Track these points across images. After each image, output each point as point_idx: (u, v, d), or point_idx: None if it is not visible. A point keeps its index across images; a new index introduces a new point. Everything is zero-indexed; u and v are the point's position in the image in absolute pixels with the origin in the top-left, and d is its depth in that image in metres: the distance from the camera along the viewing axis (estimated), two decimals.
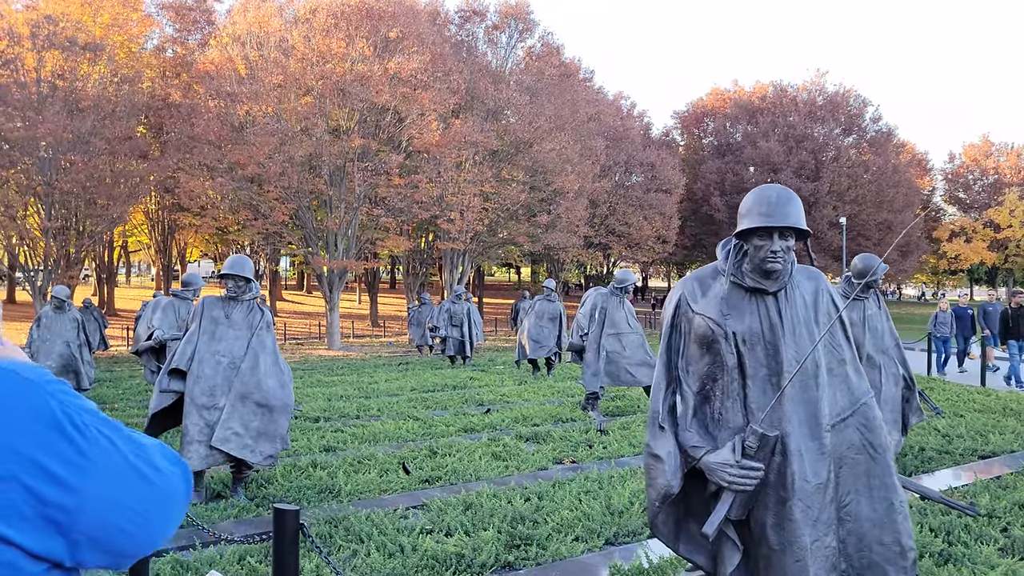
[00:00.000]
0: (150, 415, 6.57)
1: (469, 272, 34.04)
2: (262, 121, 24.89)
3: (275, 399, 6.54)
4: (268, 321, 6.80)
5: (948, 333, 17.10)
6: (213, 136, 24.95)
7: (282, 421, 6.57)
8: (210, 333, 6.58)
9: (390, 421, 10.34)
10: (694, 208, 47.09)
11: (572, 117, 32.11)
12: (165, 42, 34.79)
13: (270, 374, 6.61)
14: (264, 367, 6.59)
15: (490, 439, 8.88)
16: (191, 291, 10.42)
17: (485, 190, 28.46)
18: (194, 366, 6.45)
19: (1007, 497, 6.11)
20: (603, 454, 8.23)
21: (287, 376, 6.76)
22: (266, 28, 24.87)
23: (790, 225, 3.08)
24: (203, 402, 6.37)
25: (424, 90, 25.02)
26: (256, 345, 6.63)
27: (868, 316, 7.24)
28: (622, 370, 10.86)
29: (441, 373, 17.43)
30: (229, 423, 6.36)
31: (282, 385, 6.66)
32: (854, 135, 46.63)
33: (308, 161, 25.46)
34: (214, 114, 25.19)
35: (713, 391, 3.22)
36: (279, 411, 6.55)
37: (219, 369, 6.47)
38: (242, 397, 6.44)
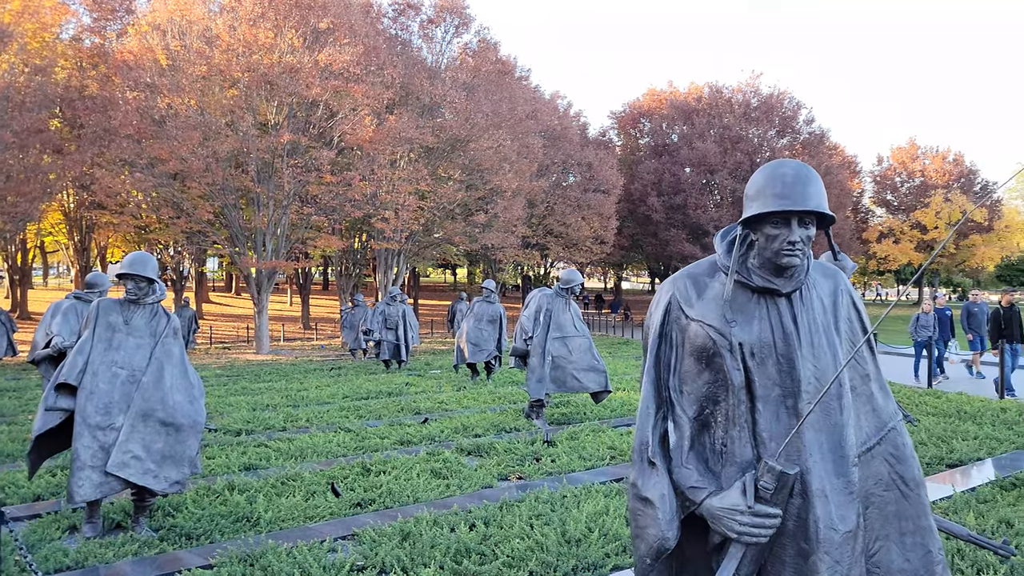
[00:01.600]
0: (33, 437, 5.66)
1: (404, 273, 33.12)
2: (185, 114, 23.63)
3: (183, 416, 5.71)
4: (175, 327, 5.96)
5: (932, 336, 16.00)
6: (132, 130, 23.57)
7: (191, 442, 5.74)
8: (106, 341, 5.71)
9: (319, 433, 9.54)
10: (631, 208, 46.94)
11: (510, 115, 31.44)
12: (82, 32, 33.01)
13: (177, 388, 5.78)
14: (170, 380, 5.76)
15: (429, 453, 8.16)
16: (96, 293, 9.38)
17: (421, 188, 27.61)
18: (86, 380, 5.57)
19: (991, 514, 5.65)
20: (552, 468, 7.59)
21: (198, 390, 5.93)
22: (188, 16, 23.61)
23: (812, 209, 2.44)
24: (97, 421, 5.50)
25: (357, 84, 24.06)
26: (161, 355, 5.78)
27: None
28: (568, 376, 10.27)
29: (375, 379, 16.62)
30: (128, 445, 5.51)
31: (191, 400, 5.83)
32: (788, 137, 47.10)
33: (234, 157, 24.29)
34: (133, 107, 23.81)
35: (714, 416, 2.55)
36: (187, 430, 5.72)
37: (116, 383, 5.61)
38: (143, 415, 5.59)
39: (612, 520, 5.50)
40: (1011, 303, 14.12)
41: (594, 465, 7.70)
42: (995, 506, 5.93)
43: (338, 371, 19.29)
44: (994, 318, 14.22)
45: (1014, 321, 13.97)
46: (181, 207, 24.54)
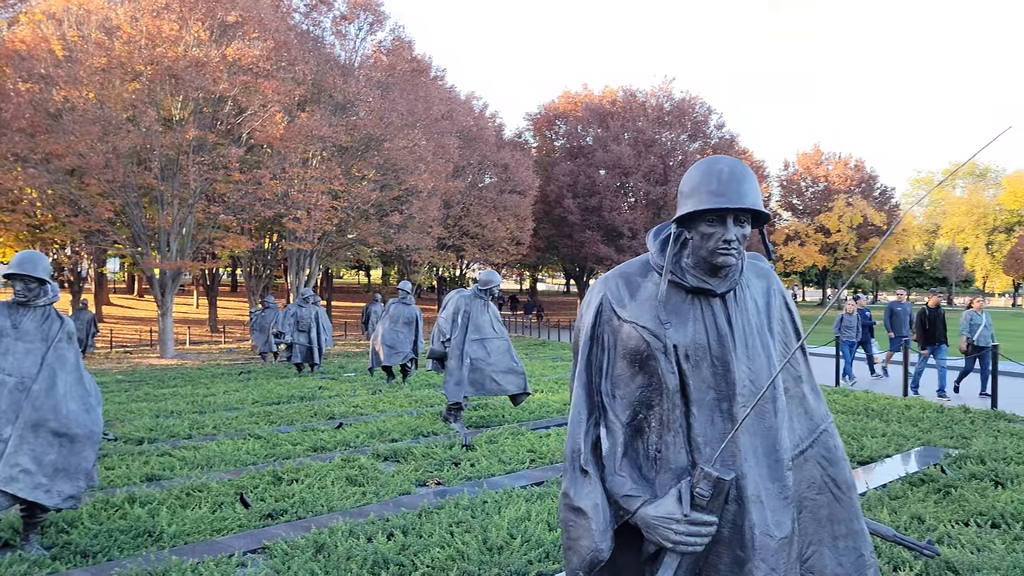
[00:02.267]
0: None
1: (317, 274, 32.42)
2: (82, 108, 22.53)
3: (78, 426, 5.33)
4: (69, 331, 5.56)
5: (855, 337, 16.03)
6: (25, 123, 22.32)
7: (87, 453, 5.37)
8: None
9: (227, 441, 9.14)
10: (547, 210, 47.20)
11: (425, 114, 31.08)
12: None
13: (72, 396, 5.39)
14: (64, 387, 5.37)
15: (344, 459, 7.89)
16: None
17: (334, 188, 27.03)
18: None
19: (904, 510, 5.76)
20: (472, 473, 7.43)
21: (94, 398, 5.55)
22: (86, 6, 22.51)
23: (747, 207, 2.36)
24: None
25: (267, 80, 23.38)
26: (53, 361, 5.39)
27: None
28: (487, 378, 10.13)
29: (287, 383, 16.15)
30: (16, 458, 5.11)
31: (87, 409, 5.45)
32: (699, 141, 48.11)
33: (136, 153, 23.30)
34: (26, 99, 22.55)
35: (648, 421, 2.45)
36: (83, 441, 5.35)
37: (3, 391, 5.19)
38: (34, 425, 5.19)
39: (534, 526, 5.38)
40: (938, 304, 14.17)
41: (514, 469, 7.58)
42: (906, 502, 6.05)
43: (247, 375, 18.71)
44: (919, 319, 14.10)
45: (939, 322, 13.97)
46: (79, 205, 23.38)
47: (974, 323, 13.36)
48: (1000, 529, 5.35)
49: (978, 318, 13.37)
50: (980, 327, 13.28)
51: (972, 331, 13.32)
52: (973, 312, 13.52)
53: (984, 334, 13.23)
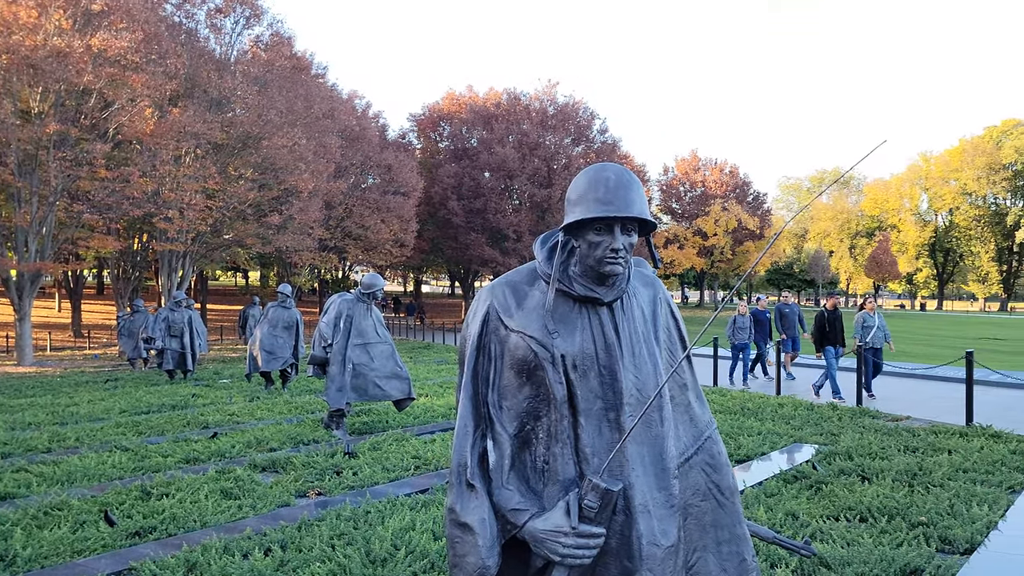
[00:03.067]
0: None
1: (191, 276, 31.12)
2: None
3: None
4: None
5: (747, 339, 15.75)
6: None
7: None
8: None
9: (91, 454, 8.60)
10: (431, 212, 46.94)
11: (305, 113, 30.28)
12: None
13: None
14: None
15: (218, 471, 7.54)
16: None
17: (209, 187, 25.98)
18: None
19: (779, 507, 5.95)
20: (354, 482, 7.23)
21: None
22: None
23: (634, 216, 2.33)
24: None
25: (136, 72, 22.24)
26: None
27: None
28: (370, 383, 9.92)
29: (157, 390, 15.41)
30: None
31: None
32: (583, 145, 48.89)
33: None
34: None
35: (535, 433, 2.39)
36: None
37: None
38: None
39: (419, 536, 5.25)
40: (835, 306, 14.05)
41: (398, 476, 7.43)
42: (781, 499, 6.25)
43: (114, 383, 17.76)
44: (818, 322, 13.86)
45: (837, 324, 13.82)
46: None
47: (867, 325, 13.47)
48: (867, 523, 5.59)
49: (871, 319, 13.50)
50: (873, 328, 13.42)
51: (865, 333, 13.41)
52: (866, 314, 13.62)
53: (877, 335, 13.40)
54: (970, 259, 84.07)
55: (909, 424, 9.87)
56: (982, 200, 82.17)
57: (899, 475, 6.79)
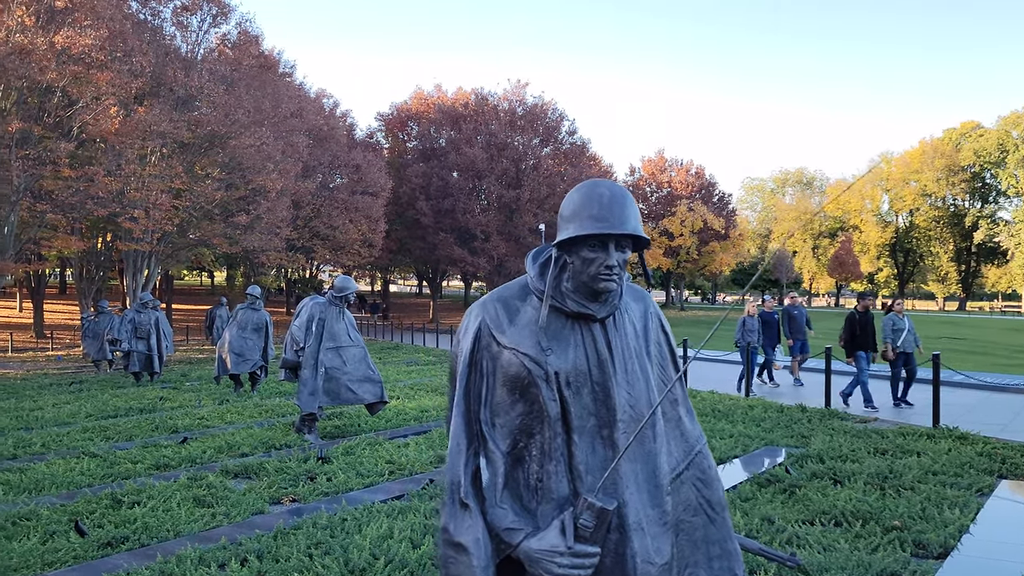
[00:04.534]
0: None
1: (156, 276, 30.71)
2: None
3: None
4: None
5: (756, 341, 14.68)
6: None
7: None
8: None
9: (58, 460, 8.48)
10: (399, 211, 46.74)
11: (273, 112, 30.03)
12: None
13: None
14: None
15: (190, 478, 7.45)
16: None
17: (175, 186, 25.66)
18: None
19: (754, 512, 6.03)
20: (328, 488, 7.19)
21: None
22: None
23: (629, 232, 2.35)
24: None
25: (100, 70, 21.88)
26: None
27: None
28: (343, 387, 9.88)
29: (124, 393, 15.20)
30: None
31: None
32: (551, 146, 48.99)
33: None
34: None
35: (528, 450, 2.39)
36: None
37: None
38: None
39: (398, 544, 5.25)
40: (867, 308, 13.07)
41: (373, 482, 7.40)
42: (756, 503, 6.33)
43: (79, 386, 17.49)
44: (849, 324, 12.88)
45: (869, 328, 12.83)
46: None
47: (897, 328, 12.59)
48: (843, 527, 5.68)
49: (900, 322, 12.66)
50: (904, 332, 12.56)
51: (896, 336, 12.50)
52: (895, 316, 12.73)
53: (908, 339, 12.55)
54: (930, 259, 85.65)
55: (877, 426, 10.03)
56: (941, 201, 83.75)
57: (871, 478, 6.91)
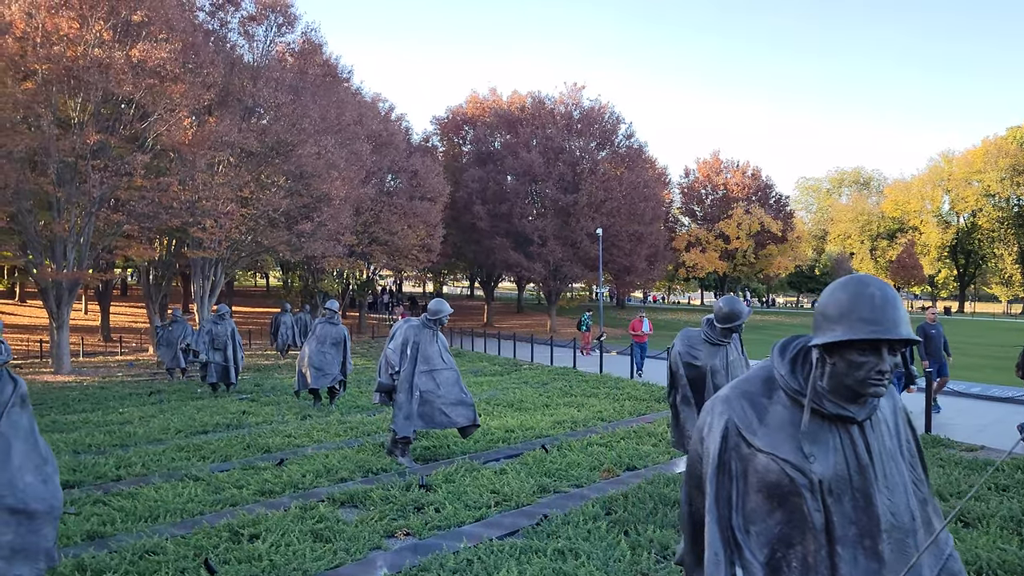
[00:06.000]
0: None
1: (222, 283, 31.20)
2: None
3: (36, 501, 4.82)
4: (22, 394, 5.04)
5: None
6: None
7: (47, 531, 4.87)
8: None
9: (164, 484, 8.56)
10: (455, 216, 46.85)
11: (338, 120, 30.33)
12: None
13: (27, 467, 4.88)
14: (19, 458, 4.85)
15: (301, 508, 7.47)
16: None
17: (243, 195, 26.03)
18: None
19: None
20: (439, 521, 7.15)
21: (51, 466, 5.04)
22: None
23: (903, 337, 2.24)
24: None
25: (174, 82, 22.28)
26: (7, 429, 4.86)
27: (730, 363, 6.80)
28: (436, 411, 9.85)
29: (206, 406, 15.41)
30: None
31: (44, 480, 4.94)
32: (608, 150, 48.67)
33: (30, 157, 21.81)
34: None
35: (787, 561, 2.29)
36: (42, 517, 4.84)
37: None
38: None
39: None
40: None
41: (483, 515, 7.34)
42: None
43: (158, 396, 17.79)
44: None
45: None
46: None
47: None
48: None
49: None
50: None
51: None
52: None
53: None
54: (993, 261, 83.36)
55: (986, 455, 9.69)
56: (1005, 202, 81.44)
57: (1004, 521, 6.63)
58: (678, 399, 6.83)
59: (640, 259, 47.33)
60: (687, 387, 6.73)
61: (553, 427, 12.28)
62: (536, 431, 11.90)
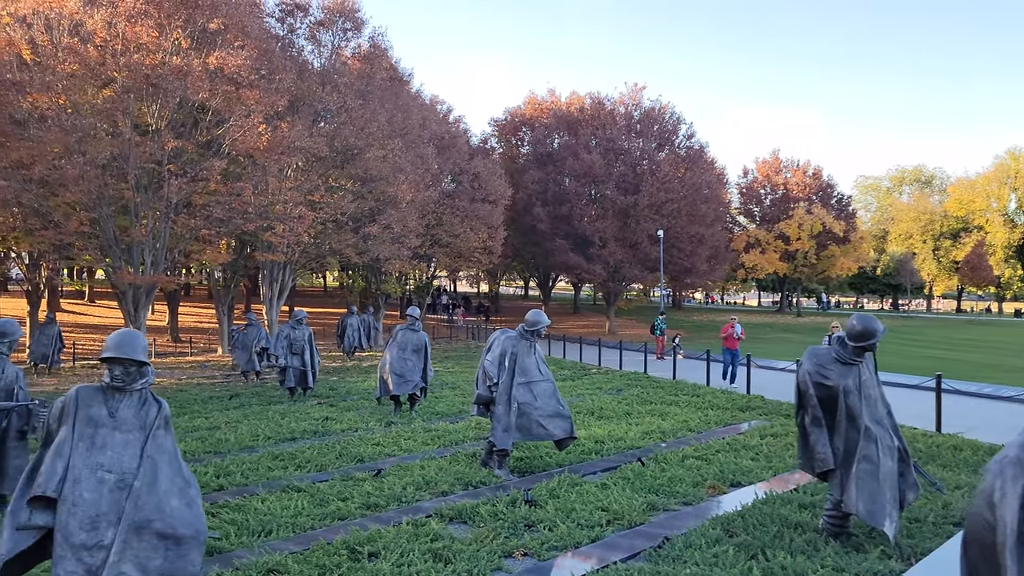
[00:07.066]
0: (1, 564, 4.63)
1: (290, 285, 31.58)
2: (51, 115, 21.48)
3: (183, 526, 4.82)
4: (166, 416, 5.05)
5: None
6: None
7: (194, 556, 4.86)
8: (88, 439, 4.76)
9: (269, 495, 8.58)
10: (514, 218, 46.79)
11: (404, 124, 30.49)
12: None
13: (172, 491, 4.88)
14: (166, 482, 4.86)
15: (412, 524, 7.40)
16: (5, 343, 8.14)
17: (313, 199, 26.29)
18: (67, 489, 4.61)
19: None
20: (554, 540, 7.00)
21: (194, 490, 5.04)
22: (59, 9, 21.45)
23: None
24: (82, 540, 4.55)
25: (249, 88, 22.57)
26: (153, 451, 4.88)
27: (863, 382, 6.56)
28: (534, 423, 9.75)
29: (287, 411, 15.53)
30: (120, 567, 4.58)
31: (189, 504, 4.94)
32: (667, 150, 48.17)
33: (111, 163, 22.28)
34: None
35: None
36: (189, 542, 4.83)
37: (103, 490, 4.67)
38: (137, 528, 4.67)
39: None
40: None
41: (599, 536, 7.18)
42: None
43: (238, 399, 18.01)
44: None
45: None
46: (49, 217, 22.29)
47: None
48: None
49: None
50: None
51: None
52: None
53: None
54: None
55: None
56: None
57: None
58: (807, 420, 6.60)
59: (701, 260, 46.78)
60: (817, 407, 6.49)
61: (643, 438, 12.08)
62: (626, 442, 11.72)
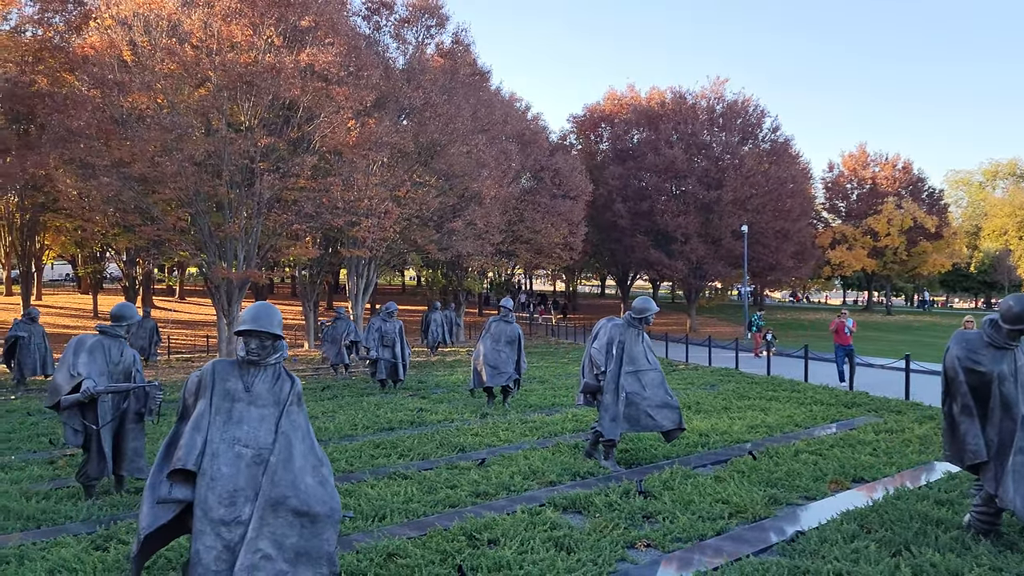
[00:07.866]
0: (141, 537, 4.62)
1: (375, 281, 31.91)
2: (150, 114, 22.12)
3: (318, 503, 4.73)
4: (299, 392, 4.98)
5: None
6: (94, 130, 21.97)
7: (328, 534, 4.76)
8: (225, 413, 4.71)
9: (377, 482, 8.54)
10: (593, 214, 46.32)
11: (487, 119, 30.48)
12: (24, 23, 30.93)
13: (307, 469, 4.80)
14: (299, 459, 4.78)
15: (527, 511, 7.23)
16: (124, 327, 8.30)
17: (399, 195, 26.48)
18: (205, 463, 4.57)
19: None
20: (678, 532, 6.74)
21: (327, 468, 4.95)
22: (157, 11, 22.07)
23: None
24: (221, 515, 4.50)
25: (339, 85, 22.83)
26: (288, 427, 4.81)
27: (1019, 368, 6.09)
28: (642, 413, 9.48)
29: (381, 402, 15.60)
30: (258, 543, 4.51)
31: (322, 482, 4.85)
32: (751, 144, 47.00)
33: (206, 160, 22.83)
34: (95, 105, 22.17)
35: None
36: (324, 520, 4.74)
37: (240, 465, 4.62)
38: (273, 505, 4.60)
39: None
40: None
41: (723, 528, 6.88)
42: None
43: (330, 391, 18.19)
44: None
45: None
46: (148, 213, 22.95)
47: None
48: None
49: None
50: None
51: None
52: None
53: None
54: None
55: None
56: None
57: None
58: (955, 409, 6.17)
59: (786, 256, 45.56)
60: (967, 395, 6.05)
61: (749, 432, 11.70)
62: (732, 436, 11.35)
